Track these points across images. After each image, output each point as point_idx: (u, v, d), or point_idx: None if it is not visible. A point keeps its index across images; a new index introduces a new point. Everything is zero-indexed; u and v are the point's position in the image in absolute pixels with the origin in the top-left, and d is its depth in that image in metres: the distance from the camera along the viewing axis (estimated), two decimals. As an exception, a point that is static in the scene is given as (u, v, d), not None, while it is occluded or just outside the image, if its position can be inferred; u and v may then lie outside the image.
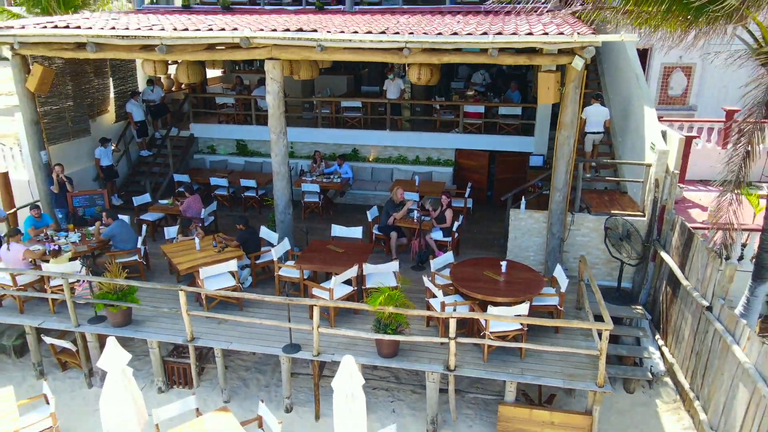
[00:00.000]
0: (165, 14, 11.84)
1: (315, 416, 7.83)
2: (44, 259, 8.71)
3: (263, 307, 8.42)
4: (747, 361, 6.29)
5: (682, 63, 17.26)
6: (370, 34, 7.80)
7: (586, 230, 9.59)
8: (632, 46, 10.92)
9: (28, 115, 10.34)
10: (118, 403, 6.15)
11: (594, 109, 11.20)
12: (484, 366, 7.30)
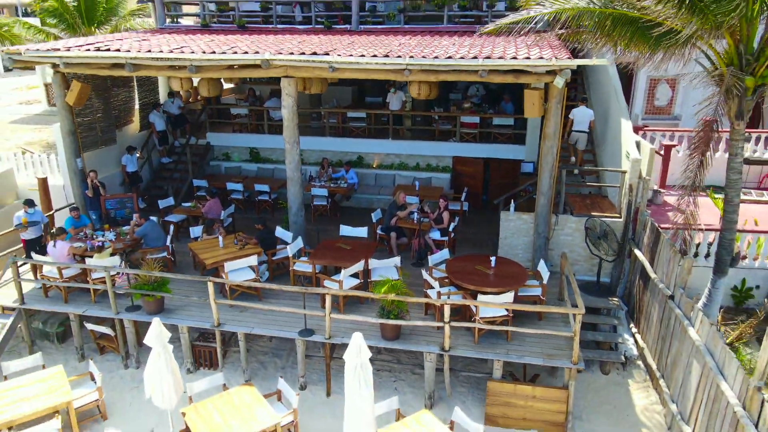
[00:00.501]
0: (188, 34, 12.99)
1: (326, 393, 8.89)
2: (85, 254, 9.80)
3: (280, 298, 9.48)
4: (698, 339, 7.34)
5: (667, 75, 18.32)
6: (375, 57, 8.90)
7: (569, 230, 10.65)
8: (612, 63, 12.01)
9: (65, 126, 11.47)
10: (160, 373, 7.21)
11: (580, 111, 12.39)
12: (475, 347, 8.36)
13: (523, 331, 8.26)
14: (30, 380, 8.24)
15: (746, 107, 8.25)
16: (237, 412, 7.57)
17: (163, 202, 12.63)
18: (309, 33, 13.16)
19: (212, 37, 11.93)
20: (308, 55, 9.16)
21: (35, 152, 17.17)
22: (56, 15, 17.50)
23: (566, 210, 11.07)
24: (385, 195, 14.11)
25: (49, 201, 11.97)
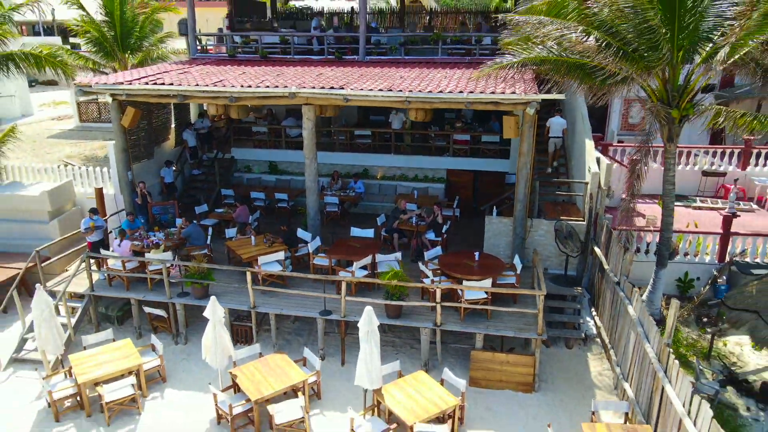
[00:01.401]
0: (218, 65, 15.19)
1: (341, 362, 10.95)
2: (142, 251, 11.90)
3: (302, 287, 11.56)
4: (634, 314, 9.43)
5: (639, 96, 20.56)
6: (381, 91, 11.08)
7: (542, 231, 12.75)
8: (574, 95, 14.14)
9: (119, 144, 13.63)
10: (215, 340, 9.30)
11: (555, 120, 14.62)
12: (461, 324, 10.44)
13: (499, 310, 10.37)
14: (106, 349, 10.33)
15: (675, 132, 10.40)
16: (273, 372, 9.65)
17: (198, 209, 14.77)
18: (323, 63, 15.38)
19: (242, 69, 14.13)
20: (327, 89, 11.34)
21: (76, 164, 19.34)
22: (97, 43, 19.72)
23: (540, 215, 13.18)
24: (388, 202, 16.23)
25: (104, 207, 14.08)
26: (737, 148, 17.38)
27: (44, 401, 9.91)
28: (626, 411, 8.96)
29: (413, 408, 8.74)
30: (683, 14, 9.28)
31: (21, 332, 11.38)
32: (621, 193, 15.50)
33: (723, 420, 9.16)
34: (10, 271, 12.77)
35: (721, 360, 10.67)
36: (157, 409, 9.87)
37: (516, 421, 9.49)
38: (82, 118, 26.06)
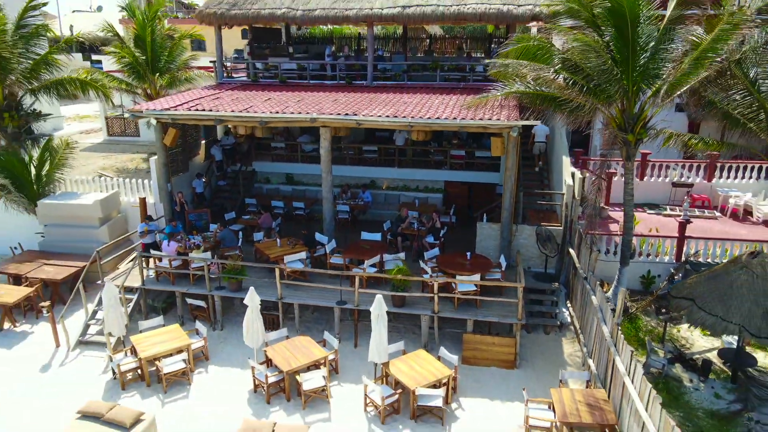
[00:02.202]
0: (244, 90, 17.37)
1: (354, 345, 13.02)
2: (185, 252, 14.01)
3: (321, 281, 13.63)
4: (596, 302, 11.50)
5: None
6: (388, 117, 13.23)
7: (526, 235, 14.84)
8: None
9: (161, 159, 15.77)
10: (253, 322, 11.39)
11: (540, 127, 16.83)
12: (455, 311, 12.52)
13: (487, 300, 12.46)
14: (159, 332, 12.42)
15: (632, 153, 12.50)
16: (299, 350, 11.72)
17: (227, 215, 16.89)
18: (336, 88, 17.57)
19: (267, 94, 16.32)
20: (342, 115, 13.51)
21: (111, 176, 21.50)
22: (131, 67, 21.95)
23: (524, 221, 15.29)
24: (393, 210, 18.32)
25: (146, 214, 16.18)
26: (703, 162, 19.51)
27: (110, 374, 12.00)
28: (588, 379, 11.02)
29: (415, 376, 10.81)
30: (635, 57, 11.41)
31: (84, 319, 13.47)
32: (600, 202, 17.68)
33: (669, 389, 11.20)
34: (70, 269, 14.88)
35: (673, 342, 12.73)
36: (203, 381, 11.94)
37: (499, 391, 11.53)
38: (110, 132, 28.35)
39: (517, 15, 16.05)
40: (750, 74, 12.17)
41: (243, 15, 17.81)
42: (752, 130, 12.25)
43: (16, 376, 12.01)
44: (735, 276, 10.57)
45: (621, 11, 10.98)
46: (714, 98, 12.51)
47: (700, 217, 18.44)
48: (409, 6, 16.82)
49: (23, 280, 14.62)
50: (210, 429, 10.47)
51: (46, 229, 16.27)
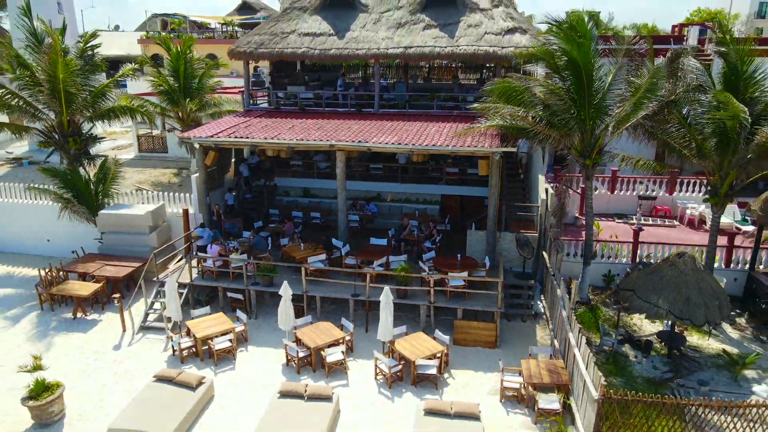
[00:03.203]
0: (270, 116, 20.38)
1: (365, 330, 15.92)
2: (225, 254, 16.95)
3: (337, 278, 16.53)
4: (559, 293, 14.43)
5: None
6: (393, 144, 16.24)
7: (508, 241, 17.76)
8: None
9: (201, 177, 18.75)
10: (286, 309, 14.32)
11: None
12: (447, 302, 15.45)
13: (473, 293, 15.39)
14: (208, 319, 15.34)
15: (591, 173, 15.47)
16: (322, 332, 14.64)
17: (256, 224, 19.86)
18: (347, 115, 20.59)
19: (290, 122, 19.34)
20: (356, 143, 16.52)
21: (148, 189, 24.49)
22: (166, 94, 25.02)
23: (506, 229, 18.23)
24: (396, 220, 21.27)
25: (188, 223, 19.16)
26: (666, 177, 22.49)
27: (170, 351, 14.92)
28: (551, 353, 13.93)
29: (415, 351, 13.72)
30: (590, 99, 14.41)
31: (144, 309, 16.40)
32: (574, 212, 20.68)
33: (617, 363, 14.06)
34: (127, 268, 17.84)
35: (625, 328, 15.62)
36: (245, 356, 14.84)
37: (482, 365, 14.41)
38: (141, 149, 31.39)
39: (501, 56, 19.10)
40: (683, 111, 15.12)
41: (269, 53, 20.91)
42: (686, 156, 15.19)
43: (94, 353, 14.93)
44: (665, 272, 13.49)
45: (577, 63, 14.03)
46: (655, 130, 15.46)
47: (661, 225, 21.46)
48: (411, 47, 19.90)
49: (90, 277, 17.55)
50: (254, 390, 13.37)
51: (104, 236, 19.24)
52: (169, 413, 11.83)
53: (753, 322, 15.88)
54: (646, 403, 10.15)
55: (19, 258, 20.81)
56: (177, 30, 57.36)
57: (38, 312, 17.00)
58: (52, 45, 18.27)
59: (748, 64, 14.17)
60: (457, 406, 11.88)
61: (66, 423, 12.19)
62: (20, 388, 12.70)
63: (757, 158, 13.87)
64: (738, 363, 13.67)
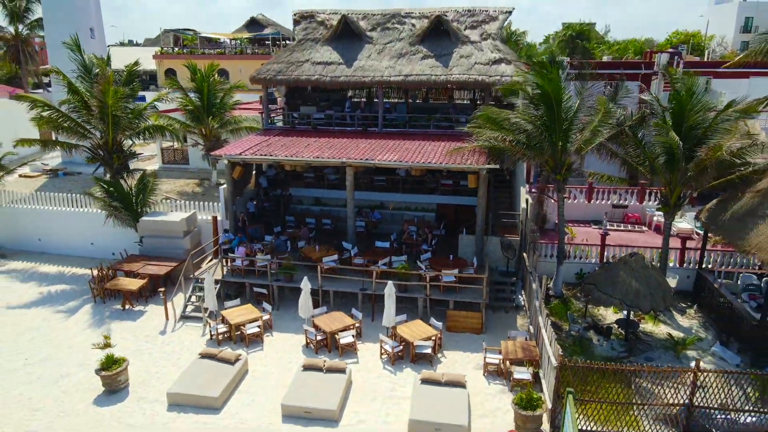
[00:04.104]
0: (288, 135, 23.31)
1: (372, 319, 18.77)
2: (251, 254, 19.82)
3: (347, 275, 19.38)
4: (534, 287, 17.27)
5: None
6: (395, 162, 19.16)
7: (494, 244, 20.61)
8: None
9: (229, 189, 21.65)
10: (306, 299, 17.19)
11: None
12: (441, 294, 18.31)
13: (463, 287, 18.25)
14: (239, 309, 18.20)
15: (562, 187, 18.35)
16: (336, 319, 17.50)
17: (275, 229, 22.75)
18: (355, 133, 23.52)
19: (305, 140, 22.26)
20: (364, 160, 19.44)
21: (175, 198, 27.38)
22: (191, 112, 27.99)
23: (493, 233, 21.11)
24: (397, 225, 24.14)
25: (217, 228, 22.04)
26: (636, 188, 25.40)
27: (208, 336, 17.76)
28: (526, 336, 16.77)
29: (413, 334, 16.56)
30: (559, 125, 17.30)
31: (183, 301, 19.26)
32: (554, 219, 23.54)
33: (582, 345, 16.87)
34: (166, 267, 20.73)
35: (591, 317, 18.45)
36: (271, 340, 17.68)
37: (470, 347, 17.22)
38: (164, 161, 34.33)
39: (489, 83, 22.03)
40: (638, 134, 18.01)
41: (286, 80, 23.88)
42: (642, 172, 18.08)
43: (145, 336, 17.78)
44: (619, 269, 16.34)
45: (548, 95, 16.95)
46: (616, 150, 18.36)
47: (631, 231, 24.37)
48: (410, 75, 22.85)
49: (135, 275, 20.43)
50: (281, 366, 16.20)
51: (144, 239, 22.14)
52: (214, 381, 14.68)
53: (700, 313, 18.73)
54: (592, 369, 12.98)
55: (67, 259, 23.70)
56: (189, 46, 60.50)
57: (92, 304, 19.87)
58: (103, 75, 21.25)
59: (690, 96, 17.09)
60: (447, 377, 14.72)
61: (130, 390, 15.03)
62: (89, 363, 15.56)
63: (697, 175, 16.77)
64: (680, 344, 16.51)
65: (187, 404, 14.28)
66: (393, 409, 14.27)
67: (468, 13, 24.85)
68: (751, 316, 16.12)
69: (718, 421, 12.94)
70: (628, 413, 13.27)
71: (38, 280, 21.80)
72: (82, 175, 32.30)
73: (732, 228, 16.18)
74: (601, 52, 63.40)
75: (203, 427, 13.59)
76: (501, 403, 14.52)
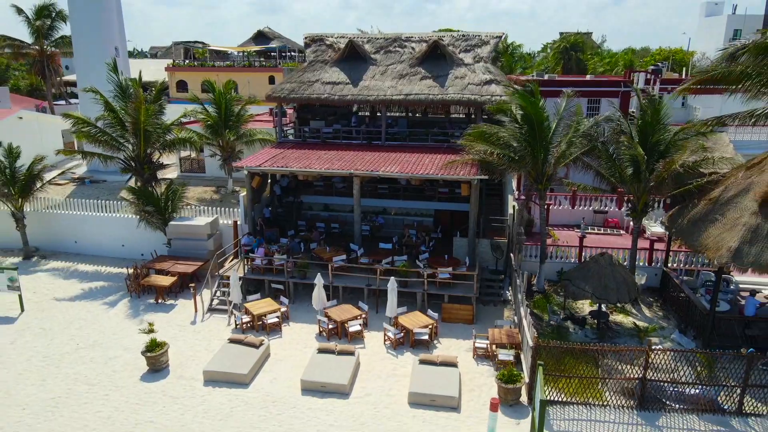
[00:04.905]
0: (300, 148, 25.93)
1: (376, 311, 21.32)
2: (270, 254, 22.39)
3: (355, 272, 21.92)
4: (518, 282, 19.81)
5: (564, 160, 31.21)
6: (398, 173, 21.77)
7: (484, 245, 23.19)
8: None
9: (249, 195, 24.24)
10: (319, 292, 19.77)
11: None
12: (437, 290, 20.88)
13: (456, 283, 20.81)
14: (260, 302, 20.77)
15: (543, 195, 20.92)
16: (345, 311, 20.06)
17: (289, 233, 25.34)
18: (361, 146, 26.13)
19: (316, 153, 24.88)
20: (369, 171, 22.05)
21: (195, 204, 29.95)
22: (209, 126, 30.64)
23: (484, 236, 23.68)
24: (398, 229, 26.71)
25: (237, 232, 24.61)
26: (615, 195, 27.96)
27: (233, 325, 20.31)
28: (510, 325, 19.32)
29: (412, 323, 19.11)
30: (541, 142, 19.89)
31: (210, 295, 21.83)
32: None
33: (560, 333, 19.40)
34: (193, 266, 23.31)
35: (569, 309, 20.99)
36: (288, 329, 20.22)
37: (462, 335, 19.75)
38: (182, 169, 36.96)
39: (481, 102, 24.68)
40: (609, 149, 20.62)
41: (298, 98, 26.53)
42: (612, 182, 20.69)
43: (178, 326, 20.33)
44: (591, 266, 18.90)
45: (531, 116, 19.56)
46: (591, 163, 20.96)
47: (610, 234, 26.94)
48: (410, 94, 25.51)
49: (165, 273, 23.00)
50: (297, 350, 18.73)
51: (172, 241, 24.72)
52: (243, 361, 17.22)
53: (664, 306, 21.27)
54: (562, 349, 15.52)
55: (101, 259, 26.30)
56: (200, 58, 63.31)
57: (128, 298, 22.45)
58: (136, 95, 23.90)
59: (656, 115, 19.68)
60: (442, 358, 17.25)
61: (171, 369, 17.57)
62: (132, 347, 18.15)
63: (658, 185, 19.35)
64: (643, 332, 19.06)
65: (220, 380, 16.81)
66: (395, 384, 16.80)
67: (462, 38, 27.54)
68: (703, 306, 18.66)
69: (669, 392, 15.48)
70: (594, 387, 15.80)
71: (78, 277, 24.39)
72: (106, 183, 34.91)
73: (688, 231, 18.71)
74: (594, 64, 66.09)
75: (235, 399, 16.12)
76: (487, 380, 17.04)
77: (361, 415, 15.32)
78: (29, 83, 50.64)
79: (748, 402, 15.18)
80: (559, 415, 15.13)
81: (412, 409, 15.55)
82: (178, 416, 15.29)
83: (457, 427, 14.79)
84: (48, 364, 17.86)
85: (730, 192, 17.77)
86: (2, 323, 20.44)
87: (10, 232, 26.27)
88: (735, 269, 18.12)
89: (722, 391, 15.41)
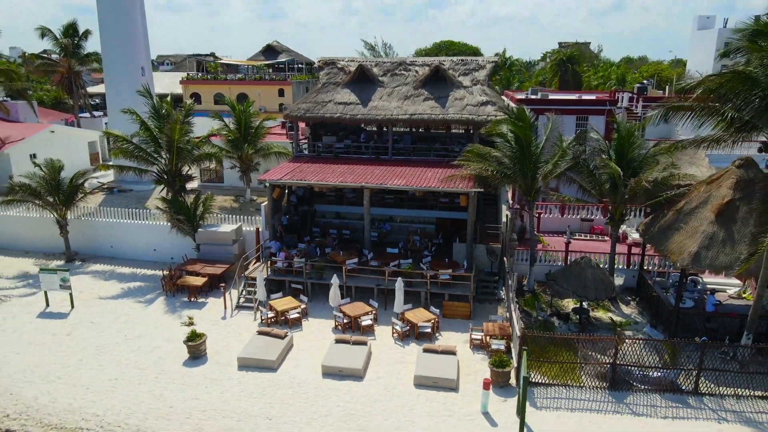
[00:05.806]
0: (315, 162, 28.76)
1: (384, 308, 24.08)
2: (291, 258, 25.18)
3: (365, 273, 24.68)
4: (510, 283, 22.56)
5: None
6: (403, 185, 24.59)
7: (481, 250, 25.95)
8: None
9: (269, 205, 27.06)
10: (335, 291, 22.56)
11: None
12: (439, 288, 23.65)
13: (455, 283, 23.59)
14: (282, 300, 23.55)
15: (532, 206, 23.70)
16: (357, 307, 22.84)
17: (306, 239, 28.15)
18: (370, 161, 28.97)
19: (330, 167, 27.71)
20: (378, 184, 24.88)
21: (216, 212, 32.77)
22: (230, 141, 33.52)
23: (481, 241, 26.46)
24: (404, 235, 29.47)
25: (259, 238, 27.41)
26: (599, 205, 30.76)
27: (259, 320, 23.08)
28: (503, 320, 22.07)
29: (417, 318, 21.88)
30: (530, 159, 22.68)
31: (238, 294, 24.62)
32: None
33: (546, 327, 22.11)
34: (221, 268, 26.12)
35: (555, 307, 23.73)
36: (307, 324, 22.99)
37: (460, 328, 22.49)
38: (202, 179, 39.86)
39: (479, 121, 27.51)
40: (590, 166, 23.45)
41: (312, 117, 29.41)
42: (593, 195, 23.50)
43: (210, 320, 23.10)
44: (573, 268, 21.65)
45: (520, 138, 22.38)
46: (574, 178, 23.77)
47: (595, 240, 29.71)
48: (414, 114, 28.38)
49: (197, 274, 25.80)
50: (317, 341, 21.49)
51: (201, 246, 27.54)
52: (271, 350, 19.99)
53: (640, 304, 24.00)
54: (545, 338, 18.27)
55: (135, 262, 29.12)
56: (212, 71, 66.41)
57: (164, 297, 25.26)
58: (170, 117, 26.80)
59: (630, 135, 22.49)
60: (443, 347, 20.00)
61: (208, 356, 20.34)
62: (173, 338, 20.95)
63: (631, 198, 22.15)
64: (619, 326, 21.80)
65: (252, 366, 19.57)
66: (403, 369, 19.54)
67: (461, 62, 30.44)
68: (670, 303, 21.40)
69: (636, 375, 18.21)
70: (572, 371, 18.53)
71: (117, 278, 27.21)
72: (133, 192, 37.82)
73: (658, 237, 21.49)
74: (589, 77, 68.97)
75: (266, 381, 18.88)
76: (482, 366, 19.77)
77: (374, 394, 18.07)
78: (53, 96, 53.65)
79: (703, 383, 17.92)
80: (542, 395, 17.87)
81: (418, 390, 18.30)
82: (218, 394, 18.05)
83: (455, 403, 17.54)
84: (101, 352, 20.65)
85: (693, 204, 20.57)
86: (58, 318, 23.26)
87: (55, 237, 29.11)
88: (697, 271, 20.93)
89: (681, 374, 18.14)
